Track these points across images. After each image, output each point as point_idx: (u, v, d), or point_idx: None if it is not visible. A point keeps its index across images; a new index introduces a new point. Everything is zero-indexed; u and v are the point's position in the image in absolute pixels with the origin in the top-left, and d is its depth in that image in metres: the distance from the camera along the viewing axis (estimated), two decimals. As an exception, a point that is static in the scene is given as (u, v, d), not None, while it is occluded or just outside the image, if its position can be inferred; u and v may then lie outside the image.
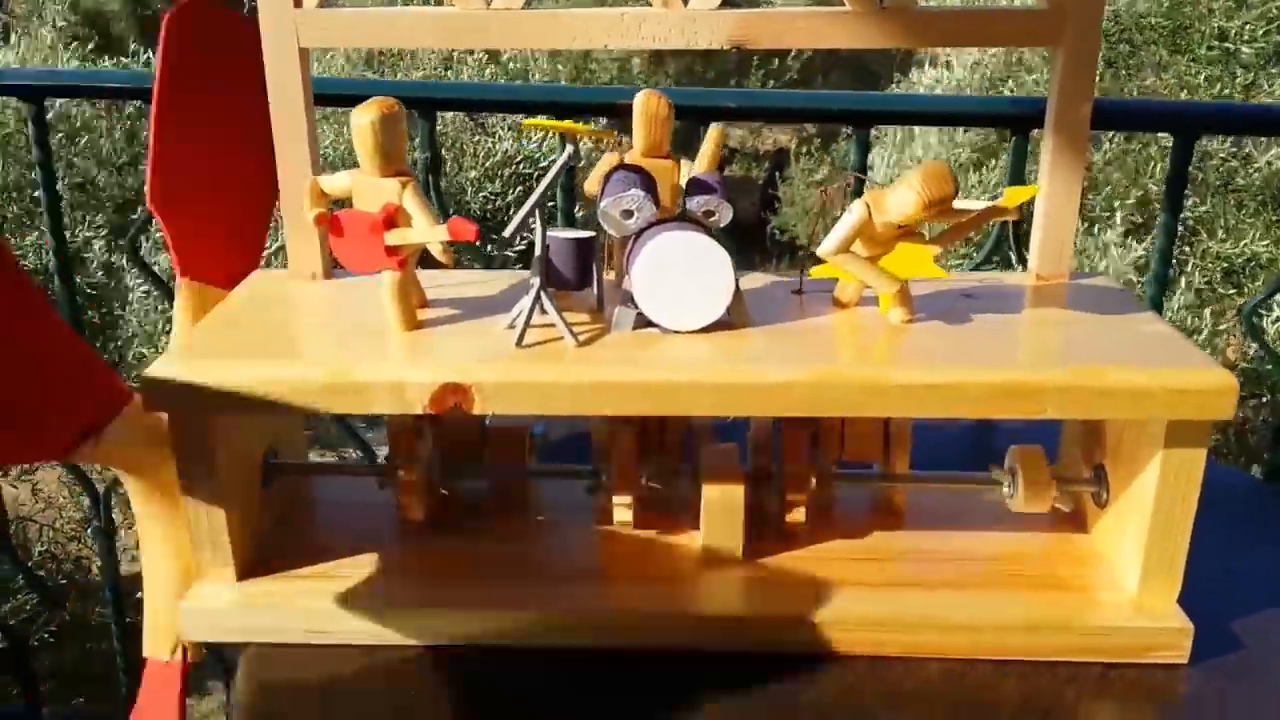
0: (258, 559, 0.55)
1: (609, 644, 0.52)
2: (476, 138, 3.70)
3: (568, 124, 0.49)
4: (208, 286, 0.57)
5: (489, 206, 3.32)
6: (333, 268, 0.60)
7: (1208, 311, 2.79)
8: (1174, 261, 3.01)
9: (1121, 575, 0.53)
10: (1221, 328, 2.82)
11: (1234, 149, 2.81)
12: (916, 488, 0.61)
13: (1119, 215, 2.93)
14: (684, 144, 0.69)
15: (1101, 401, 0.47)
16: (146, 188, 0.53)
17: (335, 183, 0.51)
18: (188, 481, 0.51)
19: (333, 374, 0.48)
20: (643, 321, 0.52)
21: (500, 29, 0.54)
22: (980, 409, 0.48)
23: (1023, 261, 0.90)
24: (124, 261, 2.61)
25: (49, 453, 0.51)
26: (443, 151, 3.35)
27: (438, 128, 0.95)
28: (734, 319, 0.52)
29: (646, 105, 0.54)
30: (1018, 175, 0.91)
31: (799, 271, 0.57)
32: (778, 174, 5.41)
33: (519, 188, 3.54)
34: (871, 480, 0.60)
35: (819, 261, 0.52)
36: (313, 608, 0.53)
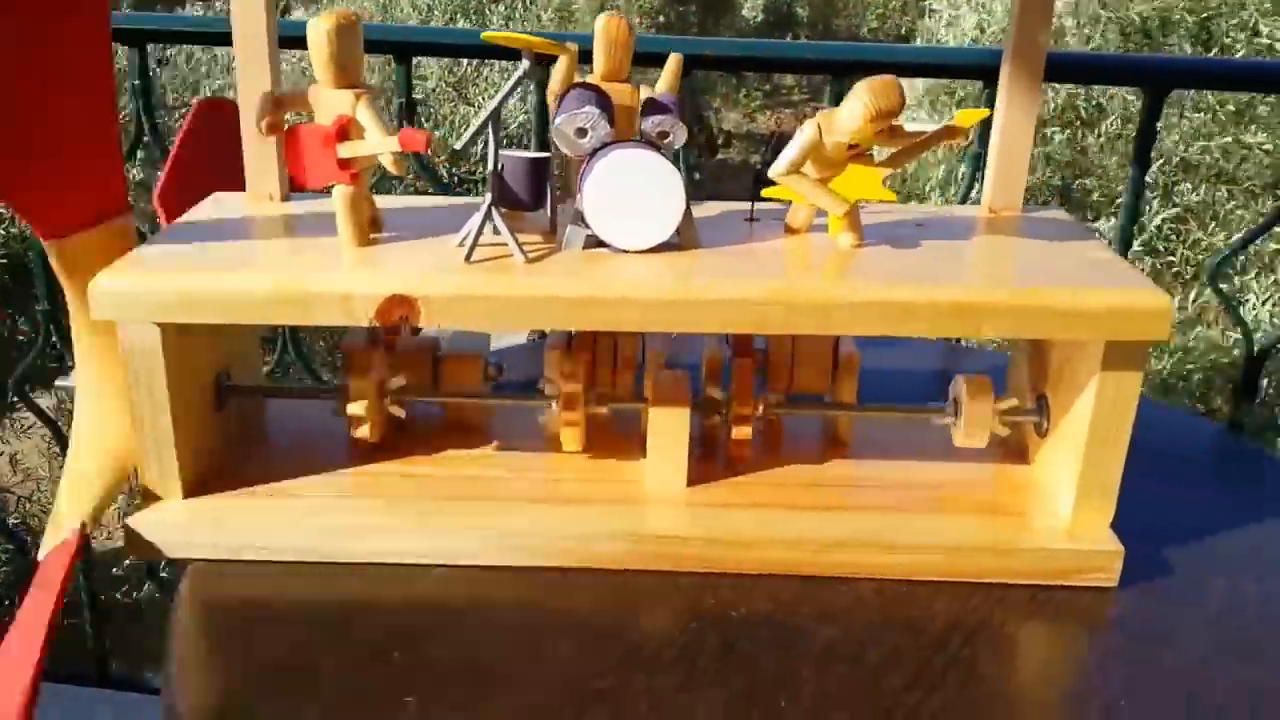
0: (208, 478, 0.56)
1: (553, 563, 0.53)
2: (455, 104, 3.69)
3: (526, 38, 0.49)
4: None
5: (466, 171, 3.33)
6: (290, 191, 0.60)
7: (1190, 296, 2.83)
8: (1162, 249, 3.03)
9: (1057, 501, 0.54)
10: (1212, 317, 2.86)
11: (1231, 138, 2.82)
12: (866, 420, 0.62)
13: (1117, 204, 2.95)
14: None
15: (1038, 321, 0.48)
16: None
17: (291, 94, 0.51)
18: (137, 397, 0.52)
19: (278, 284, 0.48)
20: (593, 241, 0.52)
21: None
22: (920, 327, 0.49)
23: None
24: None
25: (48, 224, 0.50)
26: (423, 121, 3.35)
27: (416, 89, 0.95)
28: (684, 240, 0.53)
29: (607, 29, 0.54)
30: (985, 125, 0.92)
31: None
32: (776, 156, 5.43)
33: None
34: (819, 409, 0.60)
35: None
36: (258, 525, 0.53)
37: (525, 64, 0.49)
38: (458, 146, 0.49)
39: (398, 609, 0.50)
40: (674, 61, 0.55)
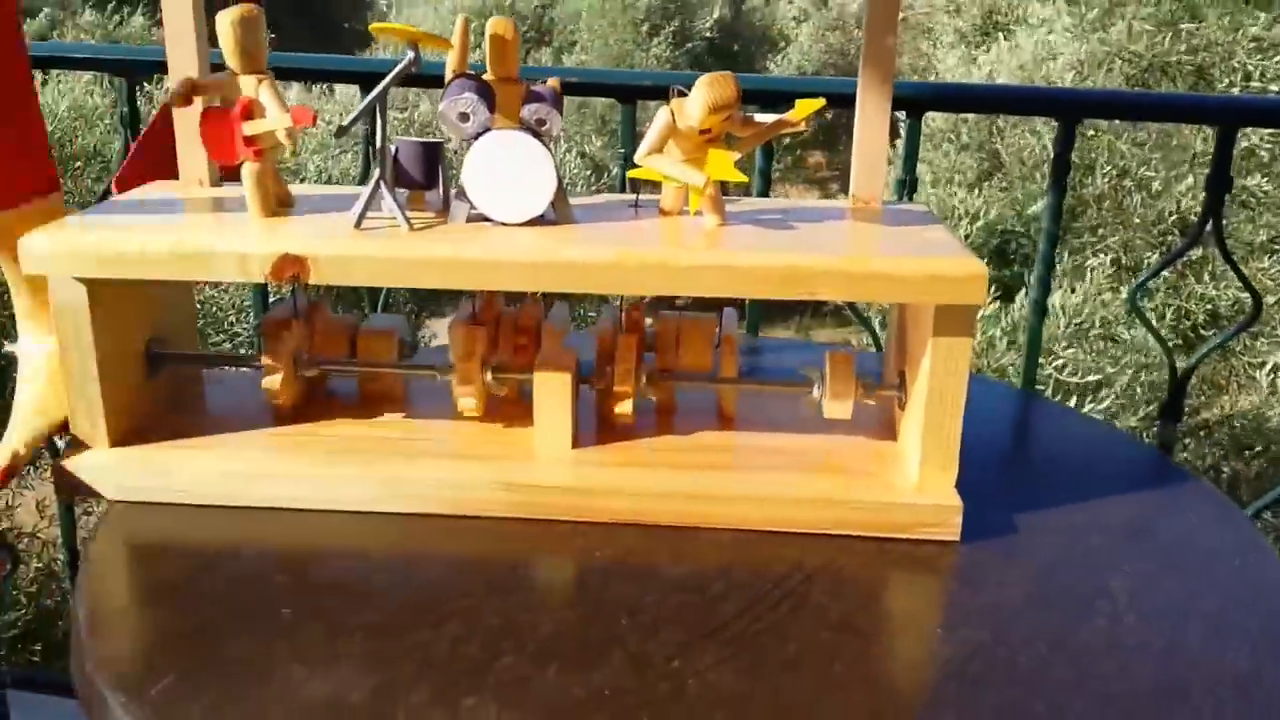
0: (136, 430, 0.61)
1: (436, 510, 0.57)
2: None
3: (410, 29, 0.55)
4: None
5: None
6: (220, 179, 0.66)
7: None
8: (1158, 303, 3.08)
9: (909, 465, 0.58)
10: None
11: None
12: (756, 397, 0.66)
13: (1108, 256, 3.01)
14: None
15: (863, 284, 0.53)
16: None
17: (208, 80, 0.58)
18: (66, 353, 0.57)
19: (180, 242, 0.54)
20: (476, 215, 0.58)
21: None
22: (759, 290, 0.53)
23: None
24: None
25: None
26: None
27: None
28: (559, 216, 0.58)
29: (496, 29, 0.60)
30: (912, 154, 0.97)
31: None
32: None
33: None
34: (697, 381, 0.65)
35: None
36: (173, 472, 0.58)
37: (410, 54, 0.55)
38: (344, 124, 0.55)
39: (288, 545, 0.55)
40: (554, 81, 0.61)
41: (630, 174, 0.59)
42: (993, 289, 3.00)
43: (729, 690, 0.44)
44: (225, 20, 0.55)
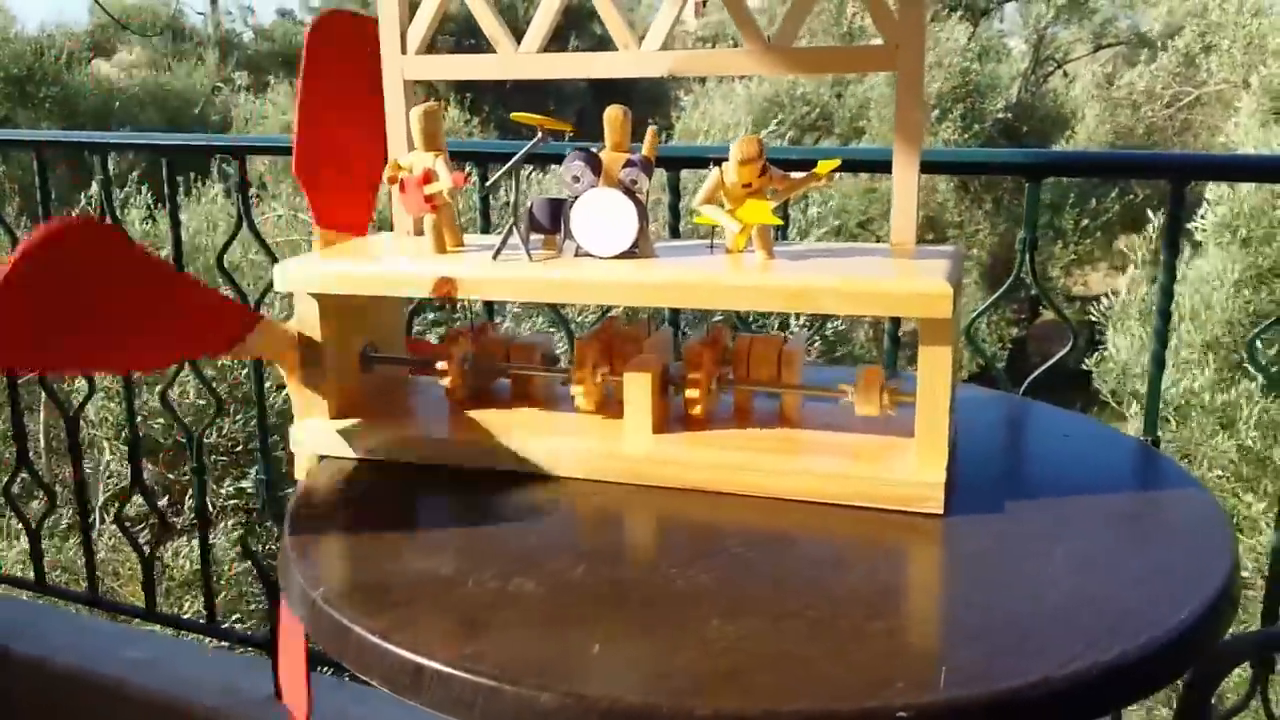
0: (350, 409, 0.84)
1: (552, 471, 0.76)
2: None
3: (541, 118, 0.76)
4: (334, 232, 0.87)
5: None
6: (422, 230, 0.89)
7: None
8: None
9: (912, 455, 0.72)
10: None
11: None
12: (813, 407, 0.81)
13: None
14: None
15: (855, 300, 0.68)
16: (293, 161, 0.84)
17: (405, 159, 0.81)
18: (304, 359, 0.82)
19: (375, 268, 0.77)
20: (582, 251, 0.77)
21: (523, 65, 0.82)
22: (776, 303, 0.70)
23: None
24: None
25: (217, 351, 0.82)
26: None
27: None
28: (641, 251, 0.77)
29: (610, 114, 0.80)
30: (1032, 218, 1.08)
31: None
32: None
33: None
34: (756, 385, 0.80)
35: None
36: (369, 436, 0.81)
37: (540, 134, 0.76)
38: (488, 183, 0.76)
39: (439, 487, 0.76)
40: (650, 133, 0.80)
41: (696, 220, 0.77)
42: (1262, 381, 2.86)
43: (702, 585, 0.60)
44: (415, 114, 0.78)
